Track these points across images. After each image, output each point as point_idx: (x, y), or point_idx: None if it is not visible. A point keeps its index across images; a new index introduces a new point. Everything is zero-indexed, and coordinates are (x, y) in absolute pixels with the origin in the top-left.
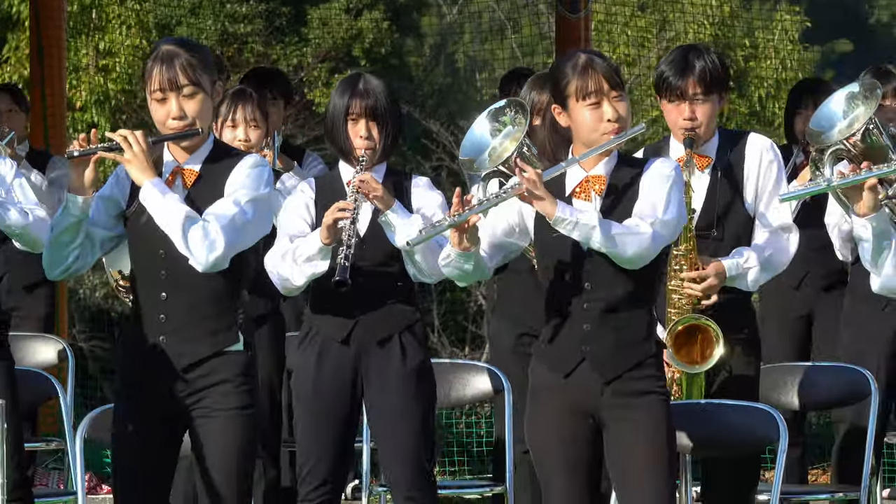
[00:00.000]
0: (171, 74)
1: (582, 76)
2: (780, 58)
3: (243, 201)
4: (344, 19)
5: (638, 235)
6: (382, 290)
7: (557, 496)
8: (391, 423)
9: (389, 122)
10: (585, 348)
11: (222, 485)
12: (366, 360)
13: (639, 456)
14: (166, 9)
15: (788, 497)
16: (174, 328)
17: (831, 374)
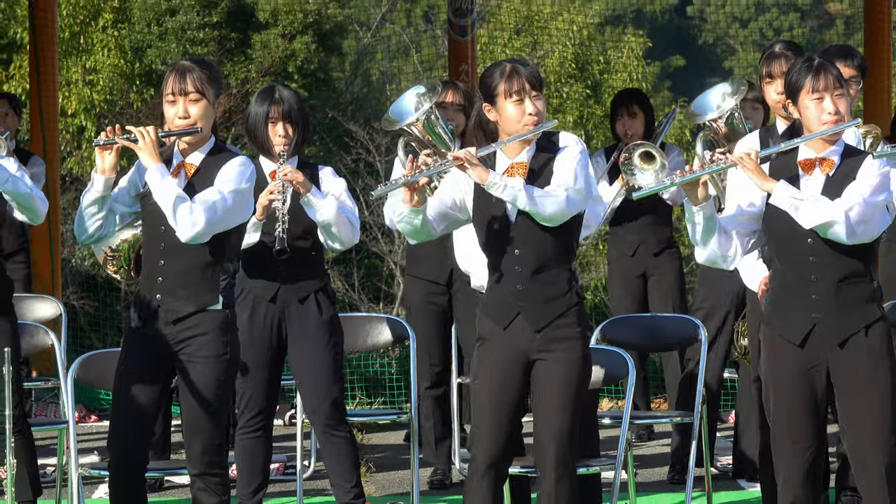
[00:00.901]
0: (182, 83)
1: (509, 79)
2: (627, 71)
3: (226, 191)
4: (280, 43)
5: (555, 197)
6: (302, 258)
7: (485, 429)
8: (309, 366)
9: (301, 124)
10: (520, 304)
11: (201, 417)
12: (288, 313)
13: (557, 392)
14: (140, 35)
15: (636, 420)
16: (167, 289)
17: (670, 322)
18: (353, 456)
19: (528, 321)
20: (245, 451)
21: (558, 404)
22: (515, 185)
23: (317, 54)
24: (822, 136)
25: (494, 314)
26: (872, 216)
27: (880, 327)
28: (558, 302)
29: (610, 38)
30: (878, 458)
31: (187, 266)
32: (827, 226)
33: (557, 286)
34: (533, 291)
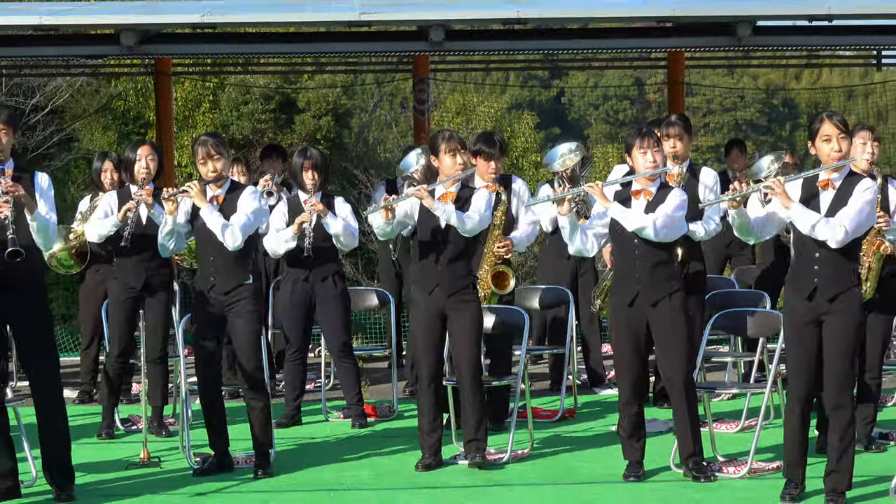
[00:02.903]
0: (206, 150)
1: (448, 141)
2: (524, 137)
3: (248, 213)
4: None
5: (472, 219)
6: (324, 254)
7: (422, 358)
8: (329, 320)
9: (323, 170)
10: (437, 280)
11: (245, 349)
12: (316, 288)
13: (463, 334)
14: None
15: (530, 351)
16: (216, 273)
17: (551, 291)
18: (356, 375)
19: (443, 290)
20: (290, 372)
21: (466, 342)
22: (450, 210)
23: (334, 128)
24: (646, 176)
25: (421, 285)
26: (673, 225)
27: (679, 294)
28: (462, 281)
29: (514, 115)
30: (680, 376)
31: (228, 260)
32: (640, 230)
33: (463, 270)
34: (448, 272)
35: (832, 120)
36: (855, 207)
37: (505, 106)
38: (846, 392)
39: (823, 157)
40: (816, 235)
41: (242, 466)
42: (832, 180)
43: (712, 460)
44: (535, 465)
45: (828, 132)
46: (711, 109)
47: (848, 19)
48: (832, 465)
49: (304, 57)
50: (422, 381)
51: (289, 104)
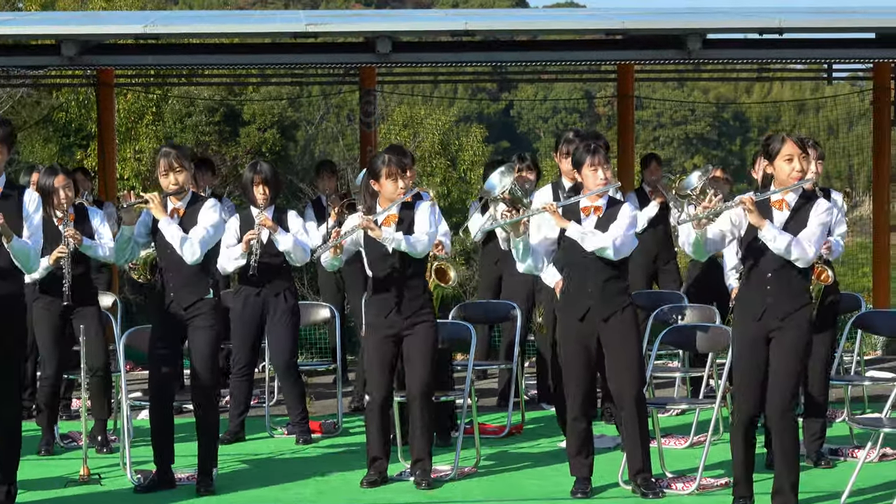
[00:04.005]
0: (168, 162)
1: (388, 164)
2: (472, 150)
3: (208, 226)
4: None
5: (421, 242)
6: (276, 268)
7: (376, 380)
8: (278, 333)
9: (273, 185)
10: (395, 301)
11: (201, 364)
12: (267, 303)
13: (418, 355)
14: (169, 128)
15: (476, 366)
16: (178, 288)
17: (500, 307)
18: (302, 391)
19: (400, 312)
20: (236, 388)
21: (421, 362)
22: (398, 238)
23: (280, 140)
24: (596, 193)
25: (377, 308)
26: (628, 242)
27: (630, 309)
28: (418, 300)
29: (462, 129)
30: (630, 391)
31: (188, 274)
32: (602, 250)
33: (418, 289)
34: (403, 293)
35: (793, 139)
36: (815, 229)
37: (453, 118)
38: (790, 408)
39: (784, 176)
40: (790, 255)
41: (184, 483)
42: (786, 200)
43: (661, 476)
44: (481, 481)
45: (789, 152)
46: (661, 123)
47: (798, 33)
48: (780, 481)
49: (250, 68)
50: (373, 402)
51: (233, 116)
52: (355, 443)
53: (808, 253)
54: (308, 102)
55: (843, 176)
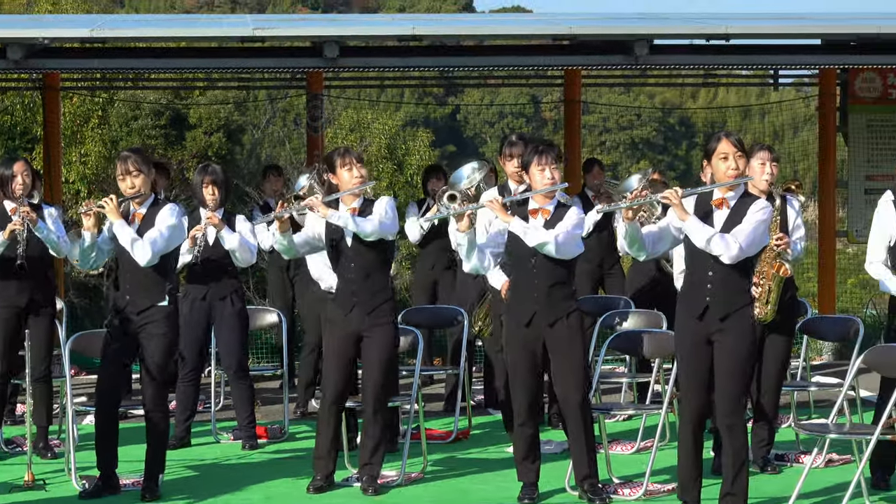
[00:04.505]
0: (125, 165)
1: (344, 157)
2: (419, 155)
3: (163, 229)
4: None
5: (370, 222)
6: (221, 271)
7: (331, 378)
8: (226, 337)
9: (223, 187)
10: (354, 299)
11: (153, 372)
12: (214, 306)
13: (375, 360)
14: (115, 132)
15: (423, 371)
16: (132, 292)
17: (446, 312)
18: (251, 396)
19: (360, 310)
20: (182, 392)
21: (377, 367)
22: (345, 216)
23: (226, 144)
24: (543, 193)
25: (339, 305)
26: (572, 242)
27: (576, 314)
28: (378, 297)
29: (409, 132)
30: (576, 396)
31: (142, 278)
32: (542, 245)
33: (378, 286)
34: (363, 290)
35: (730, 138)
36: (749, 225)
37: (400, 123)
38: (738, 412)
39: (720, 175)
40: (711, 249)
41: (129, 489)
42: (727, 199)
43: (607, 482)
44: (427, 487)
45: (725, 150)
46: (608, 128)
47: (745, 39)
48: (727, 486)
49: (196, 72)
50: (325, 400)
51: (179, 120)
52: (302, 448)
53: (732, 248)
54: (255, 106)
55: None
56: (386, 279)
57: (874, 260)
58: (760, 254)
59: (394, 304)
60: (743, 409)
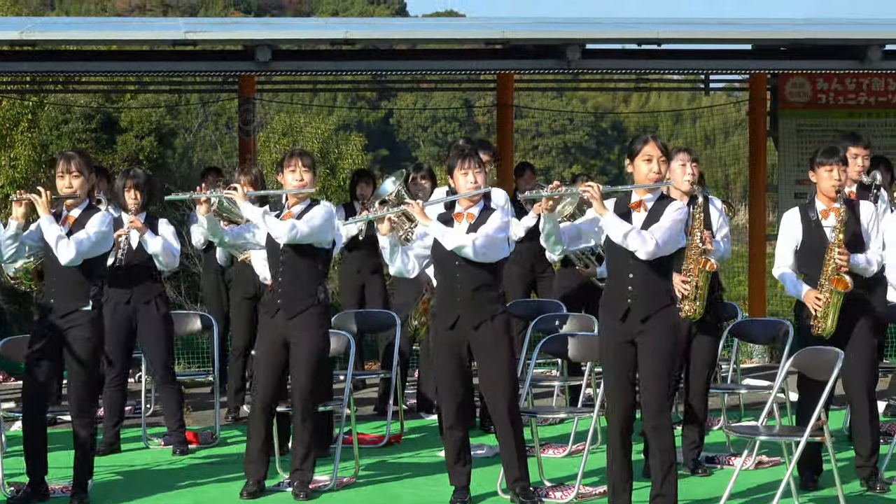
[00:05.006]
0: (68, 165)
1: (290, 159)
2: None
3: (91, 232)
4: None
5: (286, 224)
6: (145, 275)
7: (260, 382)
8: (152, 342)
9: (145, 191)
10: (279, 302)
11: (78, 378)
12: (139, 310)
13: (302, 364)
14: (45, 136)
15: (356, 376)
16: (56, 295)
17: (377, 315)
18: (179, 401)
19: (285, 313)
20: (109, 398)
21: (305, 371)
22: (256, 214)
23: (157, 148)
24: (467, 197)
25: (266, 307)
26: (493, 245)
27: (502, 316)
28: (304, 303)
29: (341, 137)
30: (503, 400)
31: (66, 280)
32: (460, 248)
33: (306, 290)
34: (288, 293)
35: (656, 142)
36: (665, 223)
37: (332, 127)
38: (664, 413)
39: (641, 176)
40: (627, 245)
41: (58, 495)
42: (644, 202)
43: (539, 485)
44: (359, 492)
45: (650, 153)
46: (540, 132)
47: (676, 44)
48: (656, 488)
49: (127, 76)
50: (255, 405)
51: (110, 124)
52: (233, 453)
53: (648, 244)
54: (186, 110)
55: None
56: (314, 286)
57: (782, 265)
58: (685, 252)
59: (323, 311)
60: (668, 410)
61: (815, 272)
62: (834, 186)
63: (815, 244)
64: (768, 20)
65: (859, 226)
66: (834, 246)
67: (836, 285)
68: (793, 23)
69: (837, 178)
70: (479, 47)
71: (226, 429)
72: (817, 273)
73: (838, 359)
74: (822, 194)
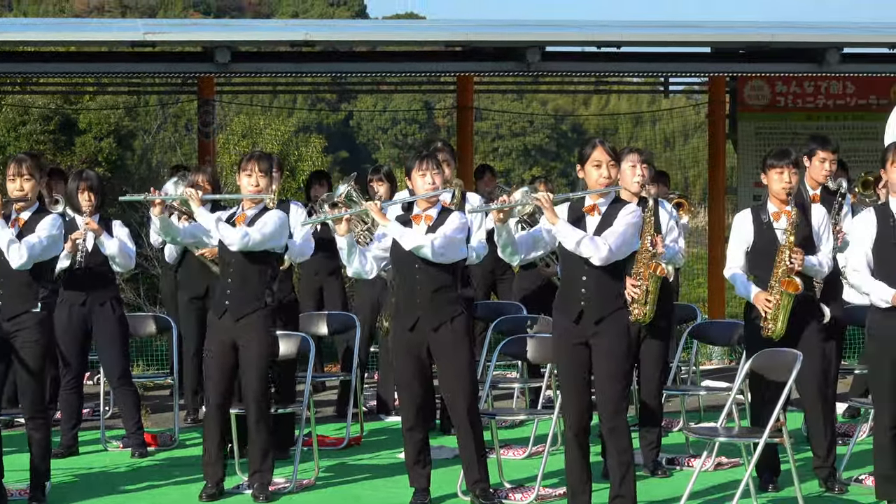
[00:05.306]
0: (19, 168)
1: (247, 162)
2: (312, 160)
3: (42, 236)
4: (93, 142)
5: (237, 232)
6: (101, 276)
7: (212, 385)
8: (107, 346)
9: (99, 193)
10: (227, 303)
11: (29, 381)
12: (94, 312)
13: (251, 365)
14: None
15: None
16: (4, 297)
17: (338, 317)
18: (136, 403)
19: (232, 315)
20: (65, 401)
21: (254, 373)
22: (207, 219)
23: (116, 150)
24: (425, 199)
25: (214, 307)
26: (451, 246)
27: (461, 318)
28: (251, 305)
29: (302, 139)
30: (463, 402)
31: (16, 282)
32: (418, 248)
33: (255, 293)
34: (236, 297)
35: (604, 146)
36: (619, 228)
37: (292, 129)
38: (620, 415)
39: (591, 182)
40: (581, 252)
41: (16, 498)
42: (598, 206)
43: (499, 487)
44: (319, 494)
45: (599, 158)
46: (500, 134)
47: (636, 46)
48: (615, 489)
49: (86, 77)
50: (209, 406)
51: (69, 125)
52: (193, 456)
53: (602, 250)
54: (145, 112)
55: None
56: (263, 289)
57: (733, 266)
58: (636, 256)
59: (270, 313)
60: (624, 411)
61: (765, 274)
62: (785, 189)
63: (766, 246)
64: (728, 23)
65: (810, 228)
66: (785, 248)
67: (786, 287)
68: (752, 26)
69: (788, 180)
70: (439, 49)
71: (185, 431)
72: (768, 275)
73: (797, 360)
74: (773, 196)
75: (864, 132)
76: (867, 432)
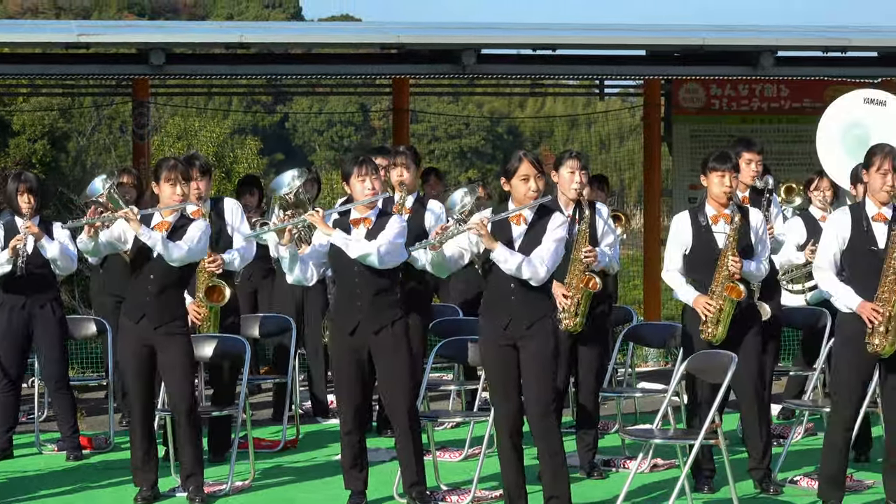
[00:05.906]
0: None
1: (171, 170)
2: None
3: None
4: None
5: (180, 249)
6: (41, 279)
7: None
8: (47, 347)
9: (38, 194)
10: (145, 311)
11: None
12: (34, 314)
13: (173, 369)
14: None
15: None
16: None
17: (273, 320)
18: (73, 406)
19: (150, 321)
20: (2, 404)
21: (177, 376)
22: (156, 237)
23: (50, 152)
24: (363, 204)
25: (129, 312)
26: (395, 251)
27: (401, 322)
28: (168, 314)
29: (237, 141)
30: (402, 405)
31: None
32: (364, 256)
33: (173, 303)
34: (154, 305)
35: (529, 158)
36: (550, 245)
37: (227, 131)
38: (549, 416)
39: (520, 195)
40: (522, 275)
41: None
42: (524, 214)
43: (436, 489)
44: (255, 496)
45: (526, 172)
46: (436, 137)
47: (571, 49)
48: (549, 490)
49: (20, 79)
50: (134, 413)
51: (2, 127)
52: (127, 459)
53: (540, 272)
54: (80, 113)
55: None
56: (181, 296)
57: (671, 268)
58: (568, 265)
59: (185, 318)
60: (553, 413)
61: (703, 277)
62: (725, 193)
63: (704, 249)
64: (662, 26)
65: (750, 233)
66: (727, 253)
67: (730, 293)
68: (686, 29)
69: (729, 184)
70: (374, 52)
71: (120, 434)
72: (705, 278)
73: (732, 362)
74: (712, 199)
75: (798, 135)
76: (802, 434)
